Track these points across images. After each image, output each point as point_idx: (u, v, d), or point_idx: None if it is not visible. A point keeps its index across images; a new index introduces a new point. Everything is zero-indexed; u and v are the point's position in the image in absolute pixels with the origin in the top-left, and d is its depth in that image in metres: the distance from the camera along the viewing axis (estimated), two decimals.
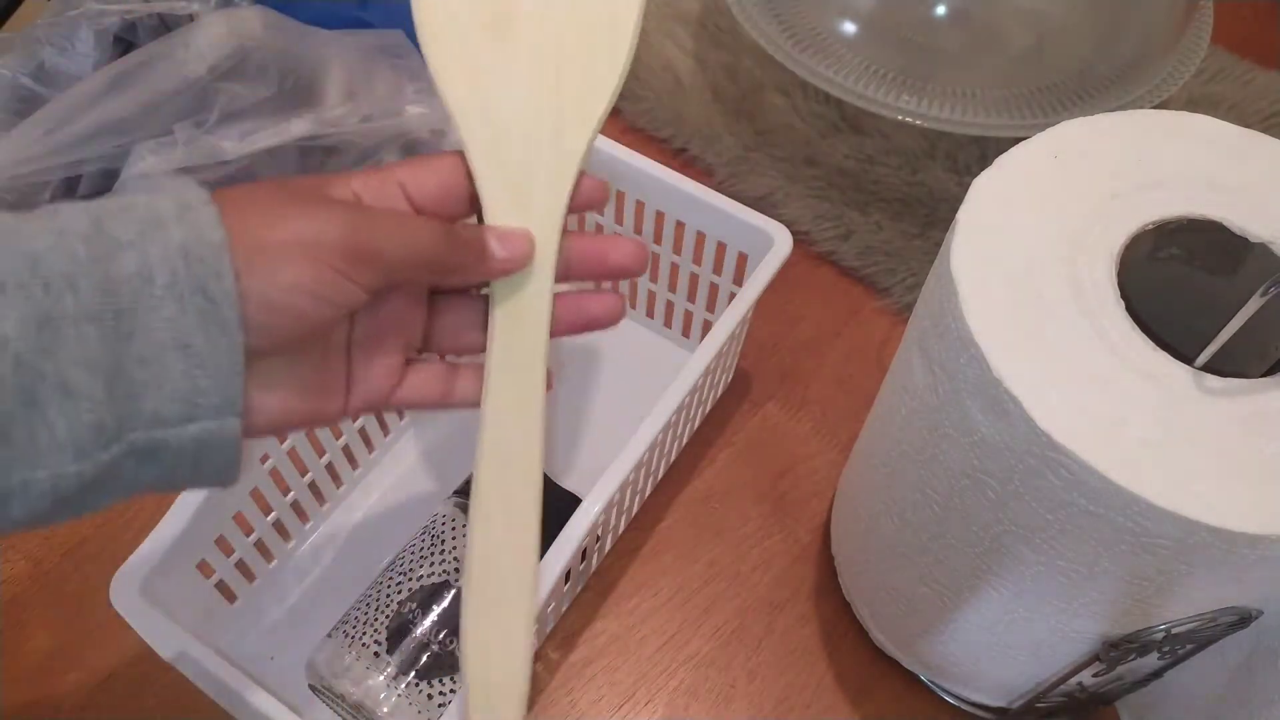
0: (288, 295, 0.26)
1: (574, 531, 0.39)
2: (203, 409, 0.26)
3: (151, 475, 0.26)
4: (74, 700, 0.45)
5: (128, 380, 0.25)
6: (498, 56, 0.32)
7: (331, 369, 0.31)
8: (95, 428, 0.24)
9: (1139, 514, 0.28)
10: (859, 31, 0.64)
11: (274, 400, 0.29)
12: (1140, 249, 0.33)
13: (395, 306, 0.32)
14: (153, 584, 0.39)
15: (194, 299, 0.25)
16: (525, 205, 0.32)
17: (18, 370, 0.23)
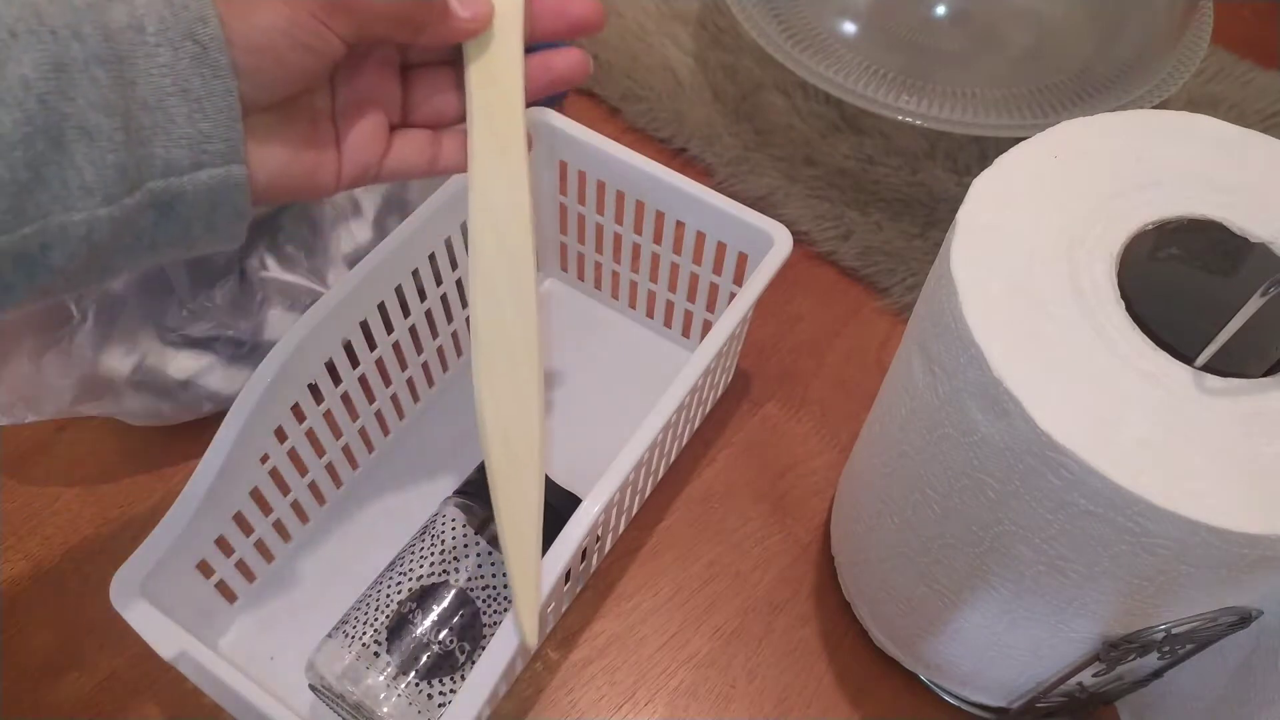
0: (267, 37, 0.28)
1: (574, 531, 0.39)
2: (209, 155, 0.27)
3: (171, 230, 0.28)
4: (74, 700, 0.45)
5: (138, 125, 0.26)
6: None
7: (321, 131, 0.32)
8: (118, 169, 0.26)
9: (1139, 514, 0.28)
10: (859, 31, 0.64)
11: (271, 155, 0.30)
12: (1140, 249, 0.33)
13: (371, 77, 0.34)
14: (153, 584, 0.39)
15: (185, 45, 0.26)
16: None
17: (43, 110, 0.24)
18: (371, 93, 0.34)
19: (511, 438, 0.34)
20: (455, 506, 0.45)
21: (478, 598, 0.43)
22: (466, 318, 0.54)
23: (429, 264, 0.49)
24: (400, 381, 0.51)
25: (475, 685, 0.36)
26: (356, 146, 0.33)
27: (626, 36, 0.70)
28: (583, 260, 0.57)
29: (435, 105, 0.35)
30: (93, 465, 0.52)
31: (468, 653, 0.42)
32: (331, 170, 0.33)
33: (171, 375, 0.48)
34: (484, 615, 0.43)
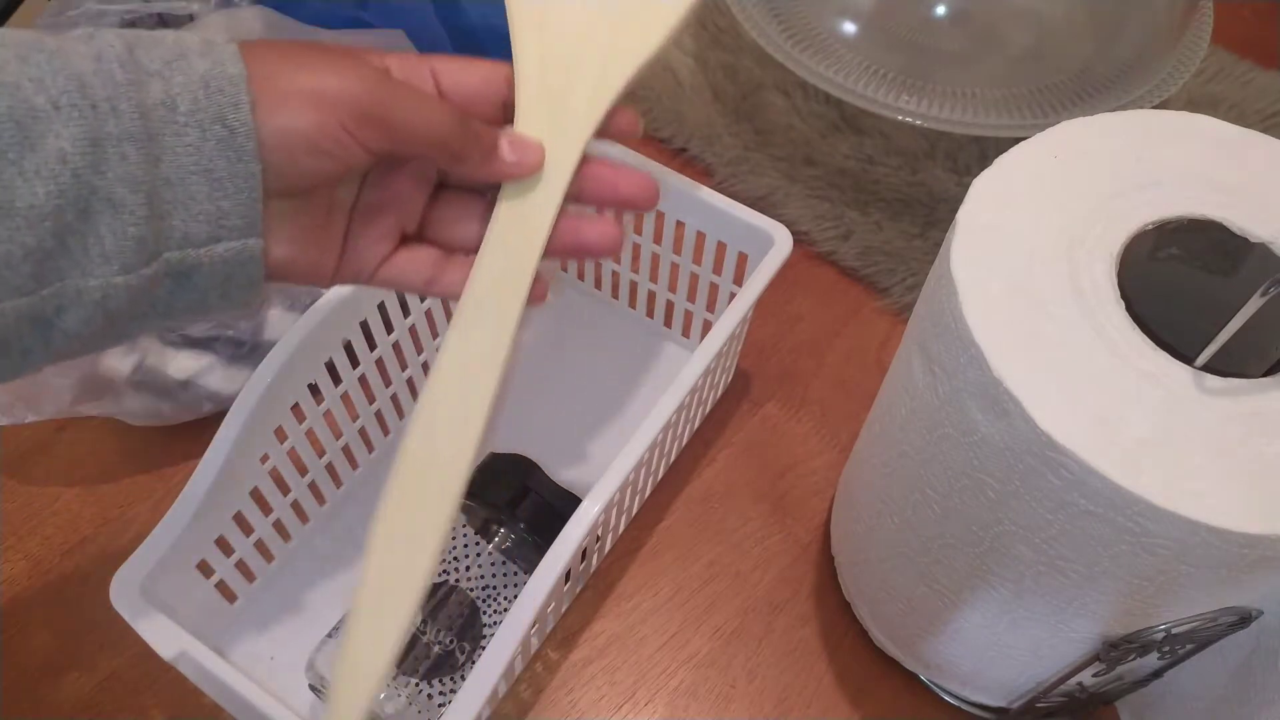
0: (286, 139, 0.28)
1: (574, 531, 0.39)
2: (227, 230, 0.28)
3: (187, 299, 0.28)
4: (74, 700, 0.45)
5: (160, 199, 0.26)
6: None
7: (334, 225, 0.32)
8: (138, 242, 0.26)
9: (1139, 514, 0.28)
10: (859, 31, 0.64)
11: (283, 238, 0.30)
12: (1140, 249, 0.33)
13: (403, 185, 0.33)
14: (153, 584, 0.39)
15: (214, 128, 0.27)
16: (556, 116, 0.32)
17: (76, 184, 0.25)
18: (396, 199, 0.33)
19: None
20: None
21: (478, 598, 0.43)
22: None
23: None
24: (400, 381, 0.51)
25: (475, 685, 0.36)
26: (360, 248, 0.33)
27: None
28: (582, 260, 0.57)
29: (455, 229, 0.34)
30: (93, 465, 0.52)
31: (468, 653, 0.42)
32: (330, 265, 0.32)
33: (171, 375, 0.48)
34: (484, 615, 0.43)
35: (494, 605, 0.43)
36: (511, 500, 0.45)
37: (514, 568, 0.44)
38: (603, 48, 0.32)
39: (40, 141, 0.24)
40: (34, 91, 0.24)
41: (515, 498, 0.45)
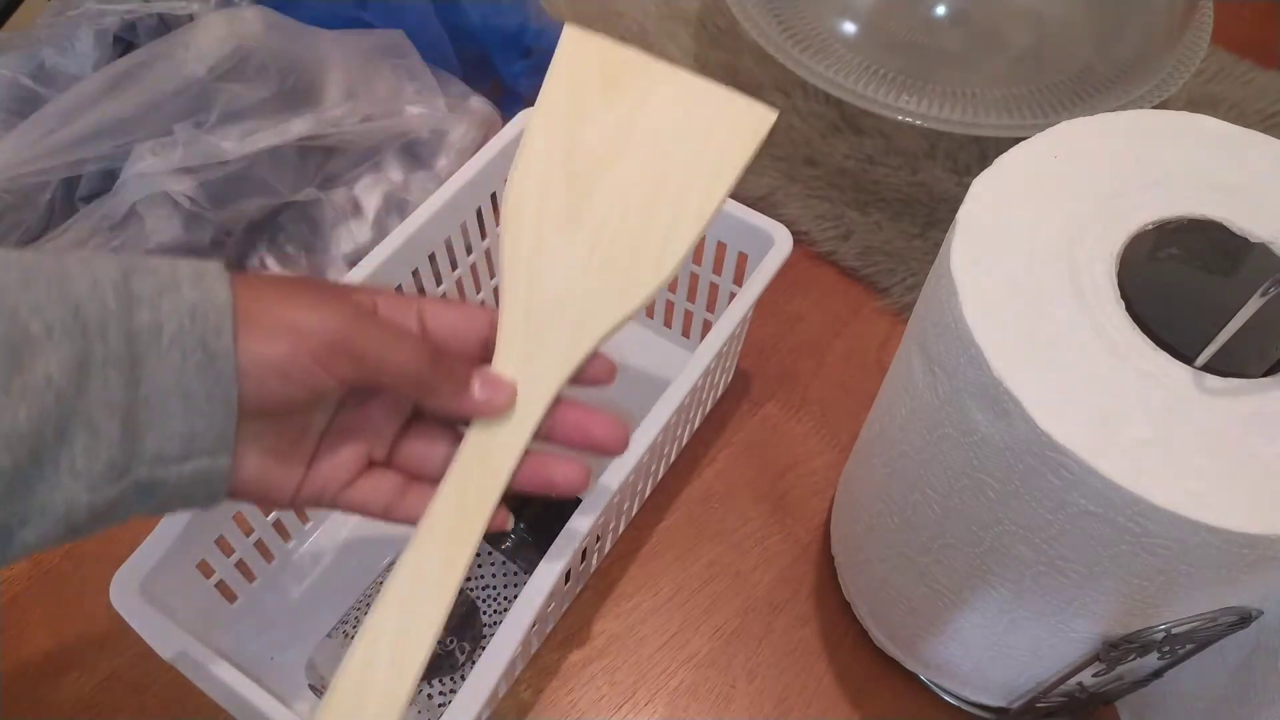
0: (258, 365, 0.28)
1: (574, 531, 0.39)
2: (198, 449, 0.28)
3: (147, 506, 0.29)
4: (74, 700, 0.45)
5: (134, 420, 0.27)
6: (562, 237, 0.34)
7: (301, 449, 0.32)
8: (109, 463, 0.27)
9: (1139, 514, 0.28)
10: (859, 31, 0.64)
11: (245, 462, 0.30)
12: (1140, 249, 0.33)
13: (374, 410, 0.34)
14: (153, 584, 0.39)
15: (195, 352, 0.27)
16: (533, 359, 0.33)
17: (58, 407, 0.26)
18: (367, 426, 0.34)
19: None
20: None
21: (478, 598, 0.43)
22: None
23: (429, 264, 0.49)
24: None
25: (475, 685, 0.36)
26: (325, 471, 0.33)
27: (626, 36, 0.70)
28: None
29: (422, 458, 0.35)
30: None
31: (468, 653, 0.42)
32: (292, 486, 0.32)
33: None
34: (484, 615, 0.43)
35: (494, 605, 0.43)
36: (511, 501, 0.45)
37: (514, 568, 0.44)
38: (586, 301, 0.34)
39: (30, 365, 0.25)
40: (30, 317, 0.25)
41: (515, 498, 0.45)
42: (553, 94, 0.36)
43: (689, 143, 0.36)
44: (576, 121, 0.36)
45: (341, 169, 0.54)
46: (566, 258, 0.34)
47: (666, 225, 0.35)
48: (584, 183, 0.35)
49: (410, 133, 0.55)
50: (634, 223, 0.35)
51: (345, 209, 0.53)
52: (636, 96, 0.36)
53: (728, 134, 0.37)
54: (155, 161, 0.48)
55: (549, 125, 0.35)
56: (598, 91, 0.36)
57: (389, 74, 0.55)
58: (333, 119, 0.52)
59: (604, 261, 0.34)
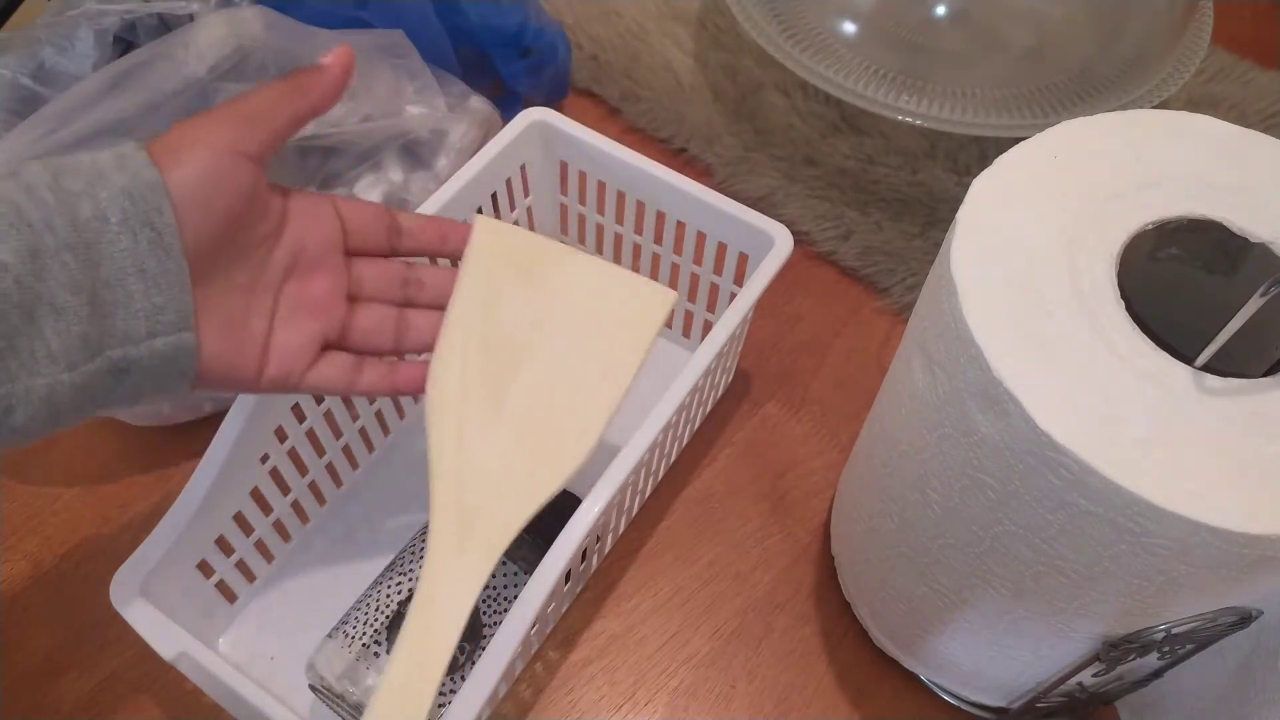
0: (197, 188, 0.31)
1: (574, 531, 0.39)
2: (162, 325, 0.31)
3: (124, 391, 0.31)
4: (74, 700, 0.45)
5: (100, 301, 0.30)
6: (486, 427, 0.37)
7: (253, 321, 0.35)
8: (82, 340, 0.29)
9: (1139, 514, 0.28)
10: (859, 31, 0.64)
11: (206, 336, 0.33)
12: (1140, 249, 0.33)
13: (319, 284, 0.37)
14: (153, 584, 0.39)
15: (144, 231, 0.30)
16: (464, 550, 0.36)
17: (19, 290, 0.28)
18: (315, 304, 0.37)
19: None
20: None
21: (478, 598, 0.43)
22: None
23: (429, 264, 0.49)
24: None
25: (475, 685, 0.36)
26: (285, 353, 0.36)
27: (626, 36, 0.70)
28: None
29: (371, 331, 0.38)
30: (93, 465, 0.52)
31: (468, 653, 0.42)
32: (254, 364, 0.35)
33: None
34: (484, 615, 0.43)
35: (494, 606, 0.43)
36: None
37: (514, 568, 0.44)
38: (513, 486, 0.37)
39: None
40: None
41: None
42: (469, 285, 0.39)
43: (600, 327, 0.39)
44: (494, 311, 0.39)
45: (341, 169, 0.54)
46: (491, 447, 0.37)
47: (583, 407, 0.38)
48: (503, 372, 0.38)
49: (410, 133, 0.55)
50: (552, 409, 0.38)
51: None
52: (548, 285, 0.39)
53: (635, 316, 0.39)
54: None
55: (467, 316, 0.38)
56: (513, 280, 0.39)
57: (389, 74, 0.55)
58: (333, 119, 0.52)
59: (527, 449, 0.37)
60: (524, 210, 0.54)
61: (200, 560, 0.42)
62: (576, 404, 0.38)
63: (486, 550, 0.36)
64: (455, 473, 0.36)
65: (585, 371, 0.38)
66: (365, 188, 0.54)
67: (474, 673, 0.36)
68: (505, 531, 0.36)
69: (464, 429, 0.37)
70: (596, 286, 0.40)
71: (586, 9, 0.72)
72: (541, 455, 0.37)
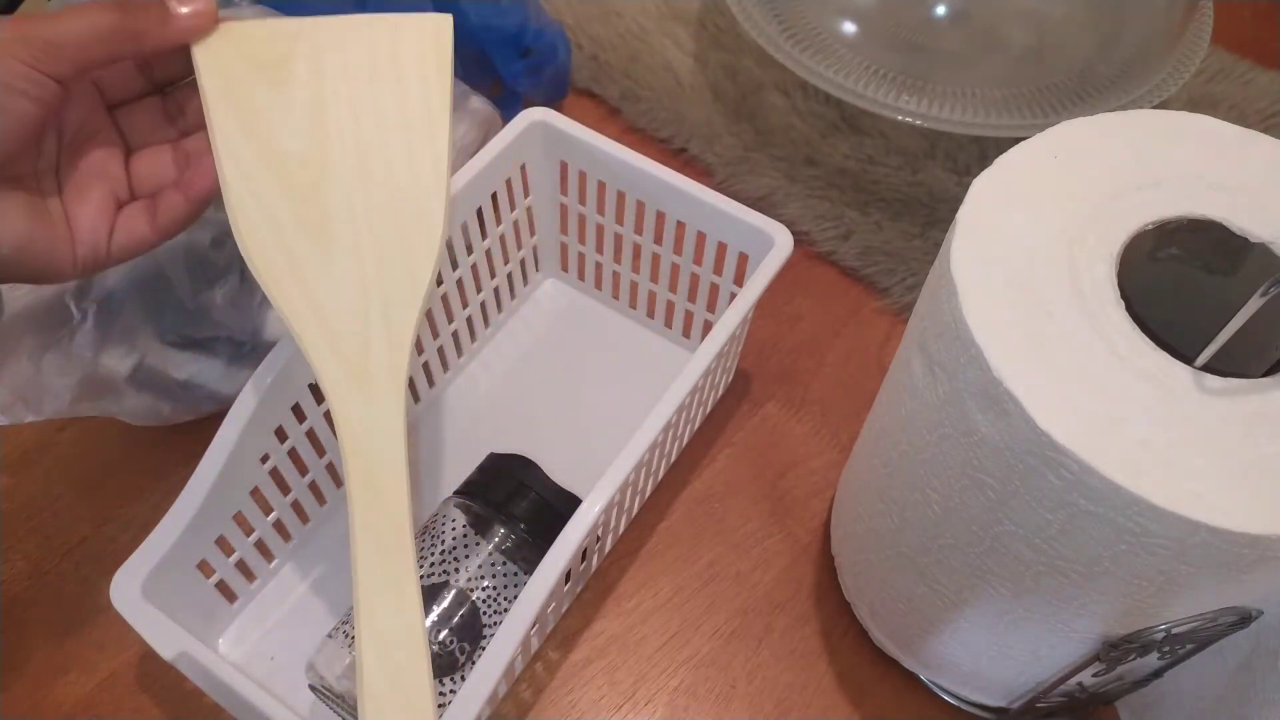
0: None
1: (574, 532, 0.39)
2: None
3: None
4: (74, 700, 0.45)
5: None
6: (322, 260, 0.33)
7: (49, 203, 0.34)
8: None
9: (1139, 514, 0.28)
10: (859, 31, 0.64)
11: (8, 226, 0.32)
12: (1140, 249, 0.33)
13: (94, 150, 0.36)
14: (153, 584, 0.39)
15: None
16: (365, 379, 0.33)
17: None
18: (94, 169, 0.36)
19: None
20: (455, 507, 0.45)
21: (478, 598, 0.43)
22: (468, 317, 0.54)
23: None
24: None
25: (475, 685, 0.36)
26: (85, 224, 0.35)
27: (626, 36, 0.70)
28: (583, 260, 0.57)
29: (153, 174, 0.37)
30: (93, 465, 0.52)
31: (468, 653, 0.42)
32: (66, 245, 0.34)
33: (171, 375, 0.48)
34: (484, 615, 0.43)
35: (494, 606, 0.43)
36: (511, 500, 0.45)
37: (514, 568, 0.44)
38: (381, 305, 0.33)
39: None
40: None
41: (515, 498, 0.45)
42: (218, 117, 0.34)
43: (385, 96, 0.34)
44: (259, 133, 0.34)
45: None
46: (341, 280, 0.33)
47: (417, 191, 0.34)
48: (310, 195, 0.34)
49: None
50: (382, 210, 0.34)
51: None
52: (306, 74, 0.34)
53: (417, 62, 0.35)
54: None
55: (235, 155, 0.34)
56: (264, 88, 0.34)
57: None
58: None
59: (374, 263, 0.33)
60: (524, 210, 0.54)
61: (200, 560, 0.42)
62: (404, 184, 0.34)
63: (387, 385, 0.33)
64: (317, 323, 0.33)
65: (396, 145, 0.34)
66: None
67: (474, 673, 0.36)
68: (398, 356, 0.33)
69: (304, 274, 0.33)
70: (361, 48, 0.35)
71: (586, 9, 0.72)
72: (397, 256, 0.34)
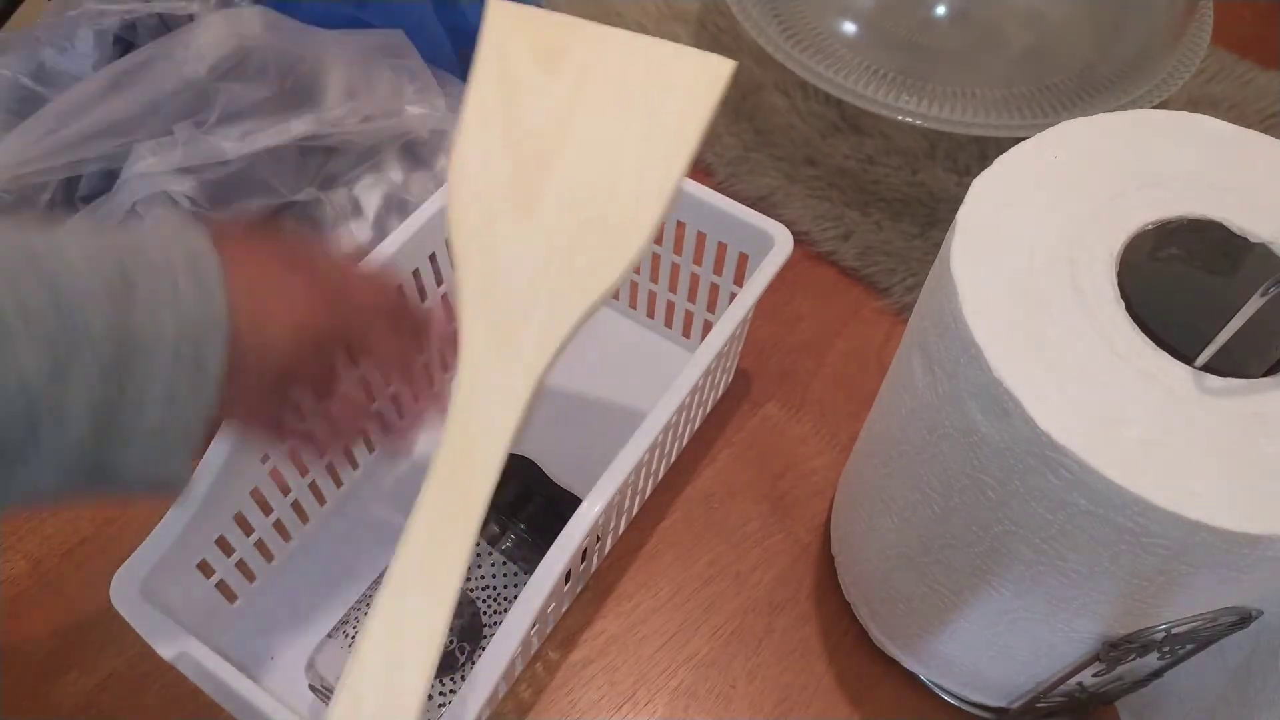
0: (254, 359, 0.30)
1: (574, 532, 0.39)
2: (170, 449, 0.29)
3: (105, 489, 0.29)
4: (74, 700, 0.45)
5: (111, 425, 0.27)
6: (517, 230, 0.33)
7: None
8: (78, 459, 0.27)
9: (1139, 514, 0.28)
10: (859, 31, 0.64)
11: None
12: (1140, 249, 0.33)
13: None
14: (153, 584, 0.39)
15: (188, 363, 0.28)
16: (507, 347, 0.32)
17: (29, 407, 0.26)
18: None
19: None
20: None
21: (477, 598, 0.43)
22: None
23: (429, 264, 0.49)
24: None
25: (476, 686, 0.36)
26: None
27: None
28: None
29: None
30: None
31: (468, 653, 0.42)
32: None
33: None
34: (484, 615, 0.43)
35: (494, 606, 0.43)
36: (511, 501, 0.45)
37: (514, 568, 0.44)
38: (552, 290, 0.32)
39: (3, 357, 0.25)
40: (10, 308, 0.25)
41: (515, 498, 0.45)
42: (484, 77, 0.34)
43: (641, 112, 0.34)
44: (514, 106, 0.34)
45: (341, 169, 0.54)
46: (526, 251, 0.33)
47: (633, 197, 0.33)
48: (534, 172, 0.33)
49: (410, 133, 0.55)
50: (596, 204, 0.33)
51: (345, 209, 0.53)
52: (577, 68, 0.34)
53: (683, 93, 0.34)
54: (155, 161, 0.48)
55: (483, 113, 0.33)
56: (534, 67, 0.34)
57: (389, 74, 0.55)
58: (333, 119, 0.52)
59: (569, 250, 0.33)
60: None
61: (200, 560, 0.42)
62: (624, 194, 0.33)
63: (527, 362, 0.31)
64: (485, 281, 0.32)
65: (632, 158, 0.34)
66: (366, 188, 0.54)
67: (474, 673, 0.36)
68: (549, 340, 0.32)
69: (493, 236, 0.33)
70: (636, 64, 0.35)
71: (586, 9, 0.72)
72: (588, 254, 0.33)
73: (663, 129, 0.34)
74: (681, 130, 0.34)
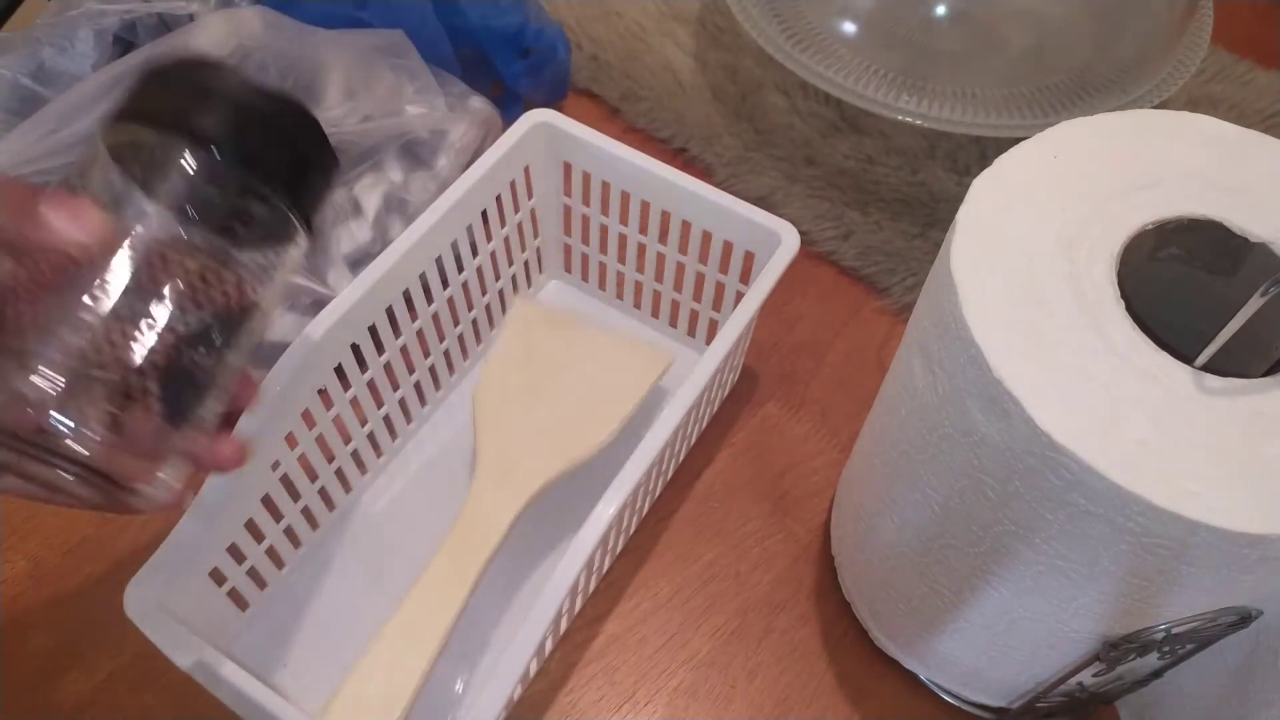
0: None
1: (591, 532, 0.38)
2: None
3: None
4: (74, 700, 0.45)
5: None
6: (521, 406, 0.48)
7: None
8: None
9: (1139, 514, 0.28)
10: (859, 31, 0.64)
11: None
12: (1140, 249, 0.33)
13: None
14: (167, 593, 0.38)
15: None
16: (504, 478, 0.45)
17: None
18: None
19: None
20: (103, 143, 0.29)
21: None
22: (473, 320, 0.54)
23: (435, 268, 0.49)
24: (408, 385, 0.51)
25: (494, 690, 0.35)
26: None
27: (626, 36, 0.70)
28: (587, 261, 0.57)
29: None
30: None
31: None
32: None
33: None
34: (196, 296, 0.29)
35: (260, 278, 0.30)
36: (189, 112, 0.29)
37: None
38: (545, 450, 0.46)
39: None
40: None
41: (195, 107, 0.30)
42: (511, 332, 0.51)
43: (611, 367, 0.50)
44: (531, 346, 0.50)
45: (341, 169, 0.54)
46: (527, 425, 0.47)
47: (600, 413, 0.47)
48: (539, 381, 0.49)
49: (410, 133, 0.55)
50: (576, 407, 0.48)
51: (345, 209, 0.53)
52: (573, 336, 0.51)
53: (639, 367, 0.50)
54: None
55: (510, 347, 0.50)
56: (545, 330, 0.51)
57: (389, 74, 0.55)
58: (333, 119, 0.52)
59: (555, 431, 0.47)
60: (528, 212, 0.54)
61: (213, 568, 0.42)
62: (593, 412, 0.48)
63: (518, 487, 0.45)
64: (496, 438, 0.47)
65: (601, 391, 0.49)
66: (365, 188, 0.54)
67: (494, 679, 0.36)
68: (534, 478, 0.45)
69: (506, 413, 0.48)
70: (610, 343, 0.51)
71: (586, 9, 0.72)
72: (566, 438, 0.47)
73: (626, 378, 0.49)
74: (637, 382, 0.49)
